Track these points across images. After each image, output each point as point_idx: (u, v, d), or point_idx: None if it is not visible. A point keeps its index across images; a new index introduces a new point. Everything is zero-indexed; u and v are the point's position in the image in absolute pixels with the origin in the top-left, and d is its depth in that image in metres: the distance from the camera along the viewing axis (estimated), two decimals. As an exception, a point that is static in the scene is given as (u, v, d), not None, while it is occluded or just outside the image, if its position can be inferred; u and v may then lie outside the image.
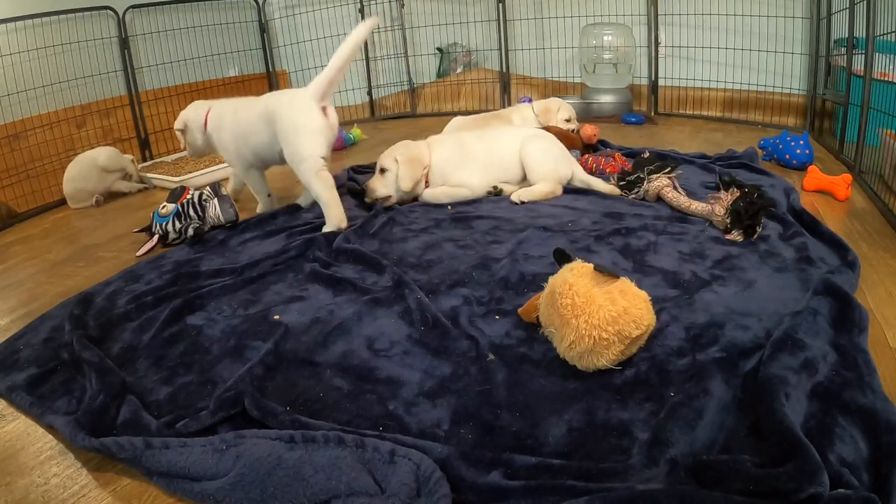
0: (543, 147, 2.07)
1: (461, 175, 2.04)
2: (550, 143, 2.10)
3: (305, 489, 0.80)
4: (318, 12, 3.83)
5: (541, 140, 2.09)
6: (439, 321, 1.23)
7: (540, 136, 2.12)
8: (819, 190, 1.96)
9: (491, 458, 0.85)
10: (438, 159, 2.04)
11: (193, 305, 1.40)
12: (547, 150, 2.07)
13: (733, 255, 1.47)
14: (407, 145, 2.03)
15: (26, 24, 2.64)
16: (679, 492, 0.76)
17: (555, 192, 2.01)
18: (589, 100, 3.39)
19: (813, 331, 1.10)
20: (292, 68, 4.03)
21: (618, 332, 1.00)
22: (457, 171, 2.04)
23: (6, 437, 1.03)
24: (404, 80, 3.95)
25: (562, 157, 2.10)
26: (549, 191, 2.00)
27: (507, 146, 2.07)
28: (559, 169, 2.06)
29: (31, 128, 2.66)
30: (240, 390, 1.02)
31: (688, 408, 0.94)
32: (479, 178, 2.05)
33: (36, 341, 1.32)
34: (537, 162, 2.03)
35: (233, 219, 1.94)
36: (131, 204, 2.47)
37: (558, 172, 2.05)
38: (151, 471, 0.89)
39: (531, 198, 1.97)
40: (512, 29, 3.70)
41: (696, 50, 3.25)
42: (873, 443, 0.83)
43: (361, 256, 1.59)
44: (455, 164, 2.04)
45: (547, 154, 2.06)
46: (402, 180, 1.96)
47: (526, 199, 1.96)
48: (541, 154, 2.05)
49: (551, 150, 2.08)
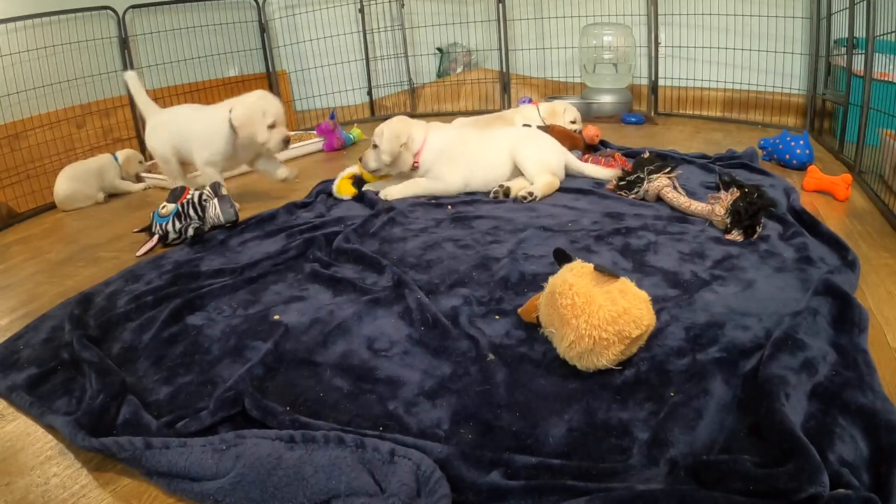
0: (534, 145, 2.12)
1: (445, 168, 2.08)
2: (539, 139, 2.15)
3: (305, 489, 0.80)
4: (318, 12, 3.84)
5: (531, 139, 2.14)
6: (439, 321, 1.23)
7: (528, 137, 2.16)
8: (819, 190, 1.96)
9: (491, 458, 0.85)
10: (431, 146, 2.09)
11: (193, 305, 1.40)
12: (538, 146, 2.12)
13: (733, 255, 1.47)
14: (398, 120, 2.10)
15: (26, 24, 2.64)
16: (679, 492, 0.76)
17: (553, 184, 2.04)
18: (589, 100, 3.39)
19: (813, 331, 1.09)
20: (292, 68, 4.03)
21: (618, 332, 1.00)
22: (443, 163, 2.08)
23: (6, 437, 1.03)
24: (404, 80, 3.95)
25: (552, 149, 2.15)
26: (548, 182, 2.02)
27: (496, 149, 2.12)
28: (550, 160, 2.10)
29: (31, 128, 2.66)
30: (240, 390, 1.02)
31: (688, 408, 0.94)
32: (460, 177, 2.09)
33: (36, 341, 1.32)
34: (530, 159, 2.07)
35: (233, 219, 1.94)
36: (131, 204, 2.47)
37: (550, 164, 2.09)
38: (151, 471, 0.89)
39: (541, 192, 1.99)
40: (512, 29, 3.70)
41: (696, 50, 3.25)
42: (873, 443, 0.83)
43: (361, 256, 1.59)
44: (445, 156, 2.09)
45: (539, 150, 2.10)
46: (383, 154, 2.04)
47: (539, 195, 1.98)
48: (533, 151, 2.09)
49: (542, 145, 2.13)
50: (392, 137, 2.04)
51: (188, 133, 2.19)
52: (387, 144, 2.04)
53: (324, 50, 3.88)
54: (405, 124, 2.09)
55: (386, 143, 2.04)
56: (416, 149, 2.09)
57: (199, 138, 2.15)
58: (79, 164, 2.52)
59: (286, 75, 4.04)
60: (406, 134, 2.07)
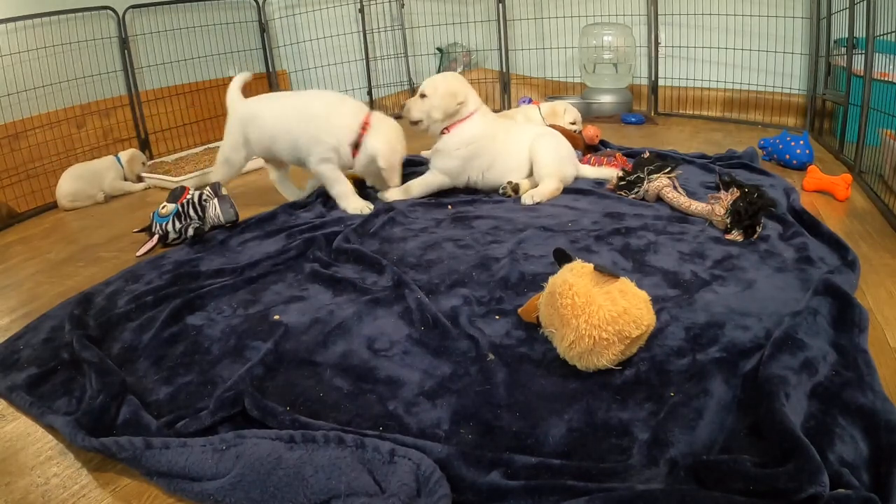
0: (554, 145, 2.08)
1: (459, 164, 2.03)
2: (561, 143, 2.12)
3: (305, 489, 0.80)
4: (318, 12, 3.83)
5: (552, 138, 2.11)
6: (439, 321, 1.23)
7: (552, 135, 2.13)
8: (819, 190, 1.96)
9: (491, 458, 0.85)
10: (471, 127, 2.01)
11: (193, 305, 1.40)
12: (556, 148, 2.09)
13: (733, 255, 1.47)
14: (454, 77, 2.03)
15: (26, 24, 2.64)
16: (679, 492, 0.76)
17: (558, 190, 2.03)
18: (589, 100, 3.38)
19: (813, 331, 1.09)
20: (292, 68, 4.03)
21: (618, 332, 1.00)
22: (463, 156, 2.02)
23: (6, 437, 1.03)
24: (404, 80, 3.95)
25: (568, 158, 2.13)
26: (555, 189, 2.01)
27: (519, 143, 2.08)
28: (565, 169, 2.08)
29: (31, 128, 2.66)
30: (240, 390, 1.02)
31: (688, 408, 0.94)
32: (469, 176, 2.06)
33: (36, 341, 1.32)
34: (546, 159, 2.04)
35: (233, 219, 1.93)
36: (131, 204, 2.47)
37: (564, 172, 2.07)
38: (151, 471, 0.89)
39: (542, 197, 1.98)
40: (512, 29, 3.70)
41: (696, 50, 3.25)
42: (873, 443, 0.83)
43: (361, 256, 1.59)
44: (472, 148, 2.02)
45: (556, 153, 2.08)
46: (435, 110, 1.97)
47: (539, 200, 1.97)
48: (551, 152, 2.06)
49: (560, 149, 2.10)
50: (447, 94, 1.95)
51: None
52: (441, 101, 1.95)
53: (324, 50, 3.88)
54: (464, 84, 2.01)
55: (440, 99, 1.95)
56: (464, 115, 2.00)
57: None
58: (82, 164, 2.54)
59: (286, 75, 4.04)
60: (464, 94, 1.99)
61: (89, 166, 2.53)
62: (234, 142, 2.10)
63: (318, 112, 1.99)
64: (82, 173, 2.48)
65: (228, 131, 2.11)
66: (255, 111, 2.06)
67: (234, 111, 2.11)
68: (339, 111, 1.99)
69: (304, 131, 1.98)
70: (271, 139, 2.04)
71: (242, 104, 2.10)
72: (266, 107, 2.07)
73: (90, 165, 2.54)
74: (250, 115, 2.06)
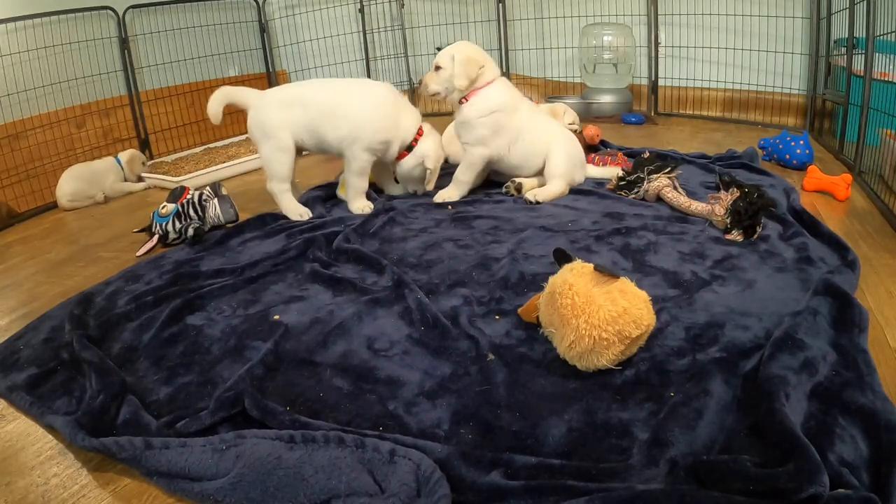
0: (570, 149, 2.08)
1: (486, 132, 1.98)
2: (576, 147, 2.12)
3: (305, 489, 0.80)
4: (318, 12, 3.83)
5: (570, 141, 2.10)
6: (439, 321, 1.23)
7: (570, 137, 2.12)
8: (819, 190, 1.96)
9: (491, 458, 0.85)
10: (493, 93, 1.97)
11: (193, 305, 1.40)
12: (572, 152, 2.08)
13: (733, 255, 1.47)
14: (467, 45, 2.00)
15: (26, 24, 2.64)
16: (679, 492, 0.76)
17: (563, 193, 2.03)
18: (589, 100, 3.38)
19: (813, 331, 1.09)
20: (292, 68, 4.03)
21: (618, 332, 1.00)
22: (487, 125, 1.97)
23: (6, 437, 1.03)
24: (404, 80, 3.95)
25: (581, 164, 2.13)
26: (561, 192, 2.01)
27: (541, 132, 2.05)
28: (575, 173, 2.09)
29: (31, 128, 2.66)
30: (240, 390, 1.02)
31: (688, 408, 0.94)
32: (496, 147, 2.00)
33: (36, 341, 1.32)
34: (560, 160, 2.03)
35: (233, 219, 1.94)
36: (131, 204, 2.47)
37: (574, 176, 2.07)
38: (151, 471, 0.89)
39: (546, 198, 1.97)
40: (512, 29, 3.70)
41: (696, 50, 3.25)
42: (873, 443, 0.83)
43: (361, 256, 1.59)
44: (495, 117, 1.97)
45: (570, 157, 2.07)
46: (458, 78, 1.93)
47: (542, 200, 1.96)
48: (566, 155, 2.05)
49: (575, 154, 2.10)
50: (466, 60, 1.91)
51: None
52: (461, 68, 1.90)
53: (324, 50, 3.88)
54: (478, 50, 1.99)
55: (460, 66, 1.90)
56: (483, 83, 1.97)
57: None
58: (82, 164, 2.55)
59: (286, 75, 4.04)
60: (483, 59, 1.96)
61: (89, 166, 2.54)
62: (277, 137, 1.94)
63: (388, 103, 1.98)
64: (82, 173, 2.48)
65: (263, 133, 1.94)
66: (299, 93, 1.97)
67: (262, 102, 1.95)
68: (407, 113, 2.03)
69: (367, 118, 1.94)
70: (322, 116, 1.94)
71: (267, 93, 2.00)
72: (314, 87, 2.02)
73: (90, 166, 2.54)
74: (293, 96, 1.95)
